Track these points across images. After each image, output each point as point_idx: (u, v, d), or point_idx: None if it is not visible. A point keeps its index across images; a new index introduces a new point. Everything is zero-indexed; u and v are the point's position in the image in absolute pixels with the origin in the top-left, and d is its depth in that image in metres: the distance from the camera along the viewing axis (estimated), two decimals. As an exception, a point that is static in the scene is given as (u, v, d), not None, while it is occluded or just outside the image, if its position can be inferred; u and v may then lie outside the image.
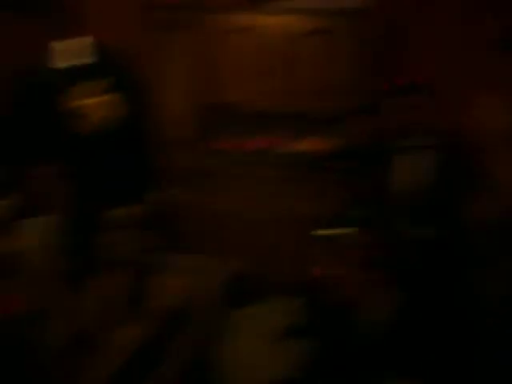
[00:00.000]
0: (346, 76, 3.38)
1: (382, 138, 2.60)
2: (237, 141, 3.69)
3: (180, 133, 3.57)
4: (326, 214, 2.70)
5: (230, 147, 3.67)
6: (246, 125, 3.72)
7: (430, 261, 2.21)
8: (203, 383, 1.79)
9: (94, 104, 1.92)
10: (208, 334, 1.72)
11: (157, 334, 1.43)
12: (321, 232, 2.44)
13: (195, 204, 3.49)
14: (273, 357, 2.78)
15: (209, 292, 1.72)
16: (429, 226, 2.26)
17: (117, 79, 1.98)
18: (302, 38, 3.38)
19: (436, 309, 2.14)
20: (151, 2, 3.44)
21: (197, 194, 3.50)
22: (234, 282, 1.88)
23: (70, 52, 1.92)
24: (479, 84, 2.80)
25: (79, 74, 1.93)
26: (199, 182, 3.52)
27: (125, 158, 2.06)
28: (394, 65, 3.38)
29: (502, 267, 2.00)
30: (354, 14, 3.30)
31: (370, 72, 3.35)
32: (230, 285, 1.85)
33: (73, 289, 1.37)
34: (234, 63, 3.48)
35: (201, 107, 3.62)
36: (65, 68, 1.92)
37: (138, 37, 3.36)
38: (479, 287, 2.06)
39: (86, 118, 1.92)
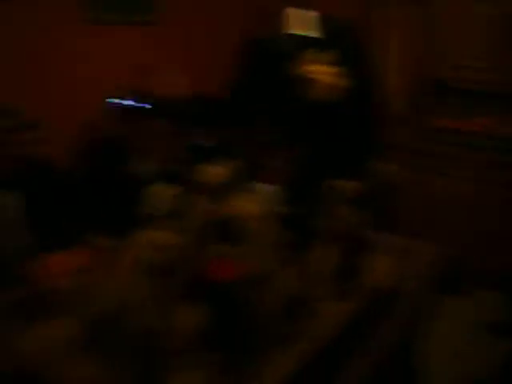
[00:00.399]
0: None
1: None
2: (455, 120, 3.47)
3: (399, 108, 3.48)
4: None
5: (448, 126, 3.47)
6: (465, 104, 3.49)
7: None
8: (407, 368, 1.75)
9: (322, 71, 1.94)
10: (415, 319, 1.66)
11: (365, 311, 1.43)
12: None
13: (409, 183, 3.35)
14: (474, 353, 2.62)
15: (418, 276, 1.66)
16: None
17: (343, 53, 1.98)
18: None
19: None
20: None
21: (411, 172, 3.35)
22: (443, 269, 1.79)
23: (302, 20, 1.96)
24: None
25: (309, 44, 1.97)
26: (415, 161, 3.39)
27: (348, 130, 2.06)
28: None
29: None
30: None
31: None
32: (439, 271, 1.76)
33: (289, 258, 1.41)
34: (456, 38, 3.29)
35: (421, 83, 3.50)
36: (296, 35, 1.97)
37: (362, 11, 3.35)
38: None
39: (314, 84, 1.94)
